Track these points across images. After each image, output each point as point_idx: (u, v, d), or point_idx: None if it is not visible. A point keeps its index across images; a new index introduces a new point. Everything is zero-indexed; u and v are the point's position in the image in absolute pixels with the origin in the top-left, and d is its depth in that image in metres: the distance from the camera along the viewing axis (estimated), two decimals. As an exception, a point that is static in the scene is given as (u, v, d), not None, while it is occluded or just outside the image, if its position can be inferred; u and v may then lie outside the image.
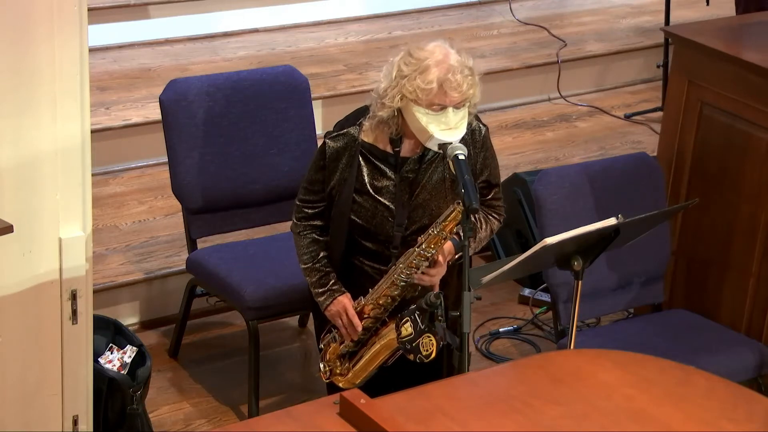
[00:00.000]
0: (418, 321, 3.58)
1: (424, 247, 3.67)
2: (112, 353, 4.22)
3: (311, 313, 4.09)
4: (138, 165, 5.72)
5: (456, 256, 3.81)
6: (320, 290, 3.84)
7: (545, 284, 4.48)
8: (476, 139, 3.79)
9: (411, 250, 3.70)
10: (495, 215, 3.91)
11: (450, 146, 3.60)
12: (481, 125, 3.81)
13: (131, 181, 5.62)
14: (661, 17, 6.66)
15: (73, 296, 3.82)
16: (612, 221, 3.76)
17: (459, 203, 3.57)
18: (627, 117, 6.67)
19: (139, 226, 5.27)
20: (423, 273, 3.72)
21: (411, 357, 3.60)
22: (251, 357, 4.44)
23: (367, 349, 3.84)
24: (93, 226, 3.87)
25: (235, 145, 4.64)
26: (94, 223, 3.89)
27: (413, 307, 3.62)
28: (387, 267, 3.77)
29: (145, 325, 4.99)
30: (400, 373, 3.86)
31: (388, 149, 3.76)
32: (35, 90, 3.59)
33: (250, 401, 4.46)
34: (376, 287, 3.77)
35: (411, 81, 3.60)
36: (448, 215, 3.63)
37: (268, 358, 4.82)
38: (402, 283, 3.72)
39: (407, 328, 3.60)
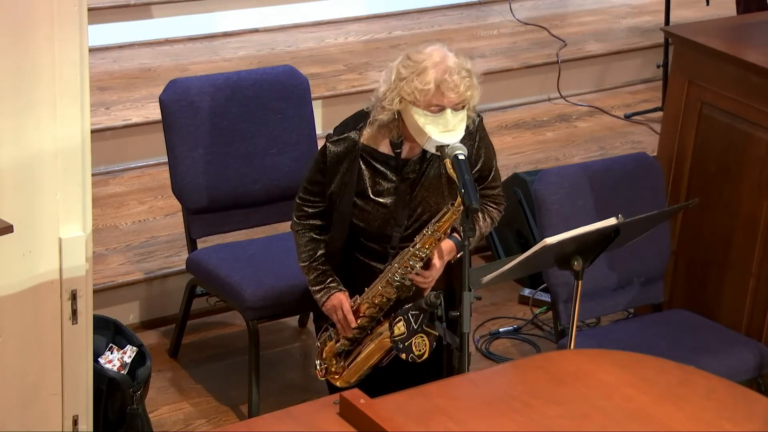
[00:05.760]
0: (411, 321, 3.59)
1: (418, 247, 3.68)
2: (112, 353, 4.22)
3: (311, 314, 4.09)
4: (138, 165, 5.72)
5: (458, 256, 3.80)
6: (317, 287, 3.85)
7: (545, 284, 4.48)
8: (470, 131, 3.79)
9: (406, 249, 3.71)
10: (493, 205, 3.92)
11: (450, 146, 3.61)
12: (475, 116, 3.81)
13: (131, 181, 5.62)
14: (661, 17, 6.66)
15: (73, 296, 3.81)
16: (612, 221, 3.75)
17: (452, 204, 3.59)
18: (627, 117, 6.67)
19: (139, 226, 5.27)
20: (417, 274, 3.73)
21: (403, 356, 3.61)
22: (251, 357, 4.44)
23: (362, 348, 3.84)
24: (93, 226, 3.86)
25: (235, 145, 4.64)
26: (94, 223, 3.89)
27: (407, 306, 3.62)
28: (385, 265, 3.78)
29: (145, 325, 4.99)
30: (401, 373, 3.86)
31: (389, 152, 3.76)
32: (35, 90, 3.59)
33: (250, 401, 4.46)
34: (371, 286, 3.78)
35: (409, 83, 3.62)
36: (442, 216, 3.65)
37: (268, 358, 4.82)
38: (397, 283, 3.73)
39: (399, 327, 3.61)
